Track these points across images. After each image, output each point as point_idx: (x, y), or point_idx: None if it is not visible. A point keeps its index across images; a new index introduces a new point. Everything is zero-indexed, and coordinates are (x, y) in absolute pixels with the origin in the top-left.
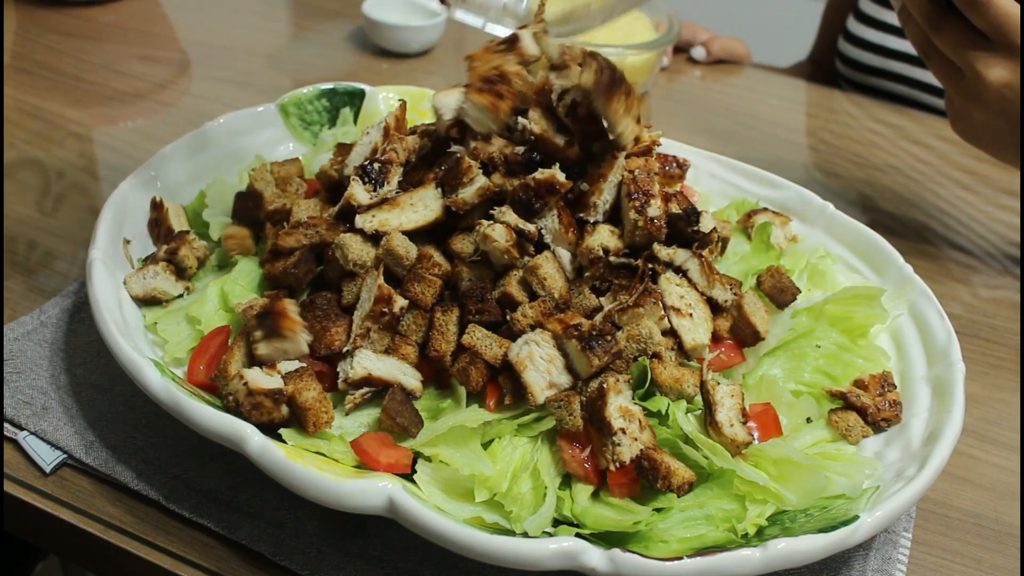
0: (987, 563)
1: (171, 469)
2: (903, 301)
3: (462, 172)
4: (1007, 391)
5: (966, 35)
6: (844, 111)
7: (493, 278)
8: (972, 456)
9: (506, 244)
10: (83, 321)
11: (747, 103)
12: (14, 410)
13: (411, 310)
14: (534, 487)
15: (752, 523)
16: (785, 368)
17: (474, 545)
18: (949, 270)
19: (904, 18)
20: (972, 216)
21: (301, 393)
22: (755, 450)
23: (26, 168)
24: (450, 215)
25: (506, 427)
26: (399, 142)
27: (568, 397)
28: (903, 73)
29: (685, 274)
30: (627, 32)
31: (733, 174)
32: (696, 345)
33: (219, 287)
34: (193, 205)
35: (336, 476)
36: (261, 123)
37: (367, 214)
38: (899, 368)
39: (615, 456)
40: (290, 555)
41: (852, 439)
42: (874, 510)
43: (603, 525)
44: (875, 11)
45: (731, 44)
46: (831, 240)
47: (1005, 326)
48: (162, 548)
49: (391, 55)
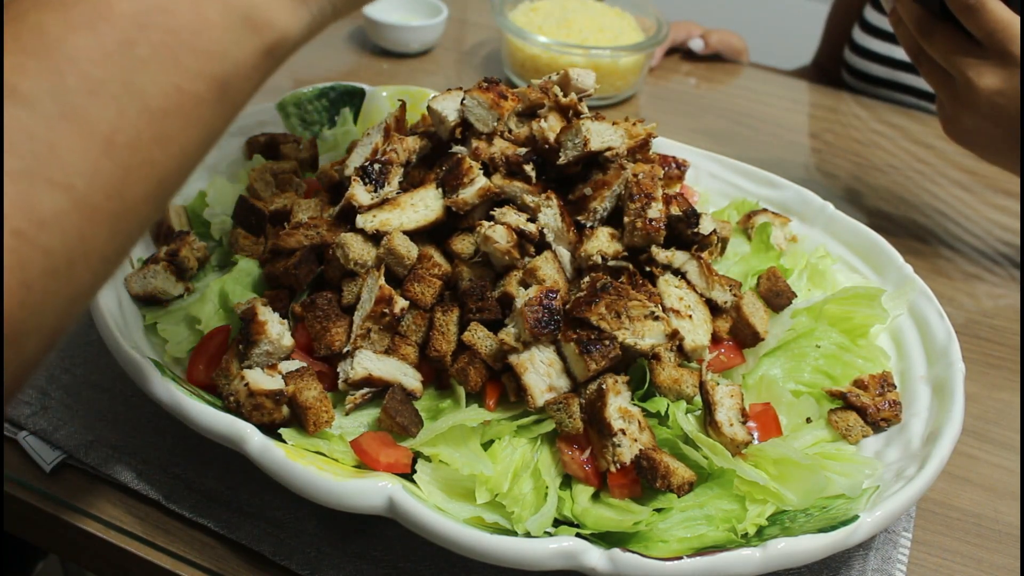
0: (987, 563)
1: (171, 469)
2: (903, 301)
3: (463, 173)
4: (1007, 391)
5: (957, 41)
6: (844, 111)
7: (493, 278)
8: (972, 456)
9: (507, 245)
10: (83, 321)
11: (747, 103)
12: (14, 410)
13: (411, 310)
14: (535, 487)
15: (752, 523)
16: (785, 368)
17: (474, 545)
18: (949, 270)
19: (895, 23)
20: (972, 216)
21: (302, 392)
22: (755, 450)
23: None
24: (451, 215)
25: (505, 428)
26: (399, 143)
27: (567, 400)
28: (911, 84)
29: (684, 276)
30: (615, 34)
31: (733, 174)
32: (696, 346)
33: (219, 287)
34: (193, 205)
35: (336, 476)
36: (261, 123)
37: (368, 214)
38: (899, 368)
39: (615, 457)
40: (290, 555)
41: (852, 439)
42: (874, 510)
43: (603, 525)
44: (880, 21)
45: (729, 38)
46: (831, 240)
47: (1005, 326)
48: (162, 548)
49: (391, 55)
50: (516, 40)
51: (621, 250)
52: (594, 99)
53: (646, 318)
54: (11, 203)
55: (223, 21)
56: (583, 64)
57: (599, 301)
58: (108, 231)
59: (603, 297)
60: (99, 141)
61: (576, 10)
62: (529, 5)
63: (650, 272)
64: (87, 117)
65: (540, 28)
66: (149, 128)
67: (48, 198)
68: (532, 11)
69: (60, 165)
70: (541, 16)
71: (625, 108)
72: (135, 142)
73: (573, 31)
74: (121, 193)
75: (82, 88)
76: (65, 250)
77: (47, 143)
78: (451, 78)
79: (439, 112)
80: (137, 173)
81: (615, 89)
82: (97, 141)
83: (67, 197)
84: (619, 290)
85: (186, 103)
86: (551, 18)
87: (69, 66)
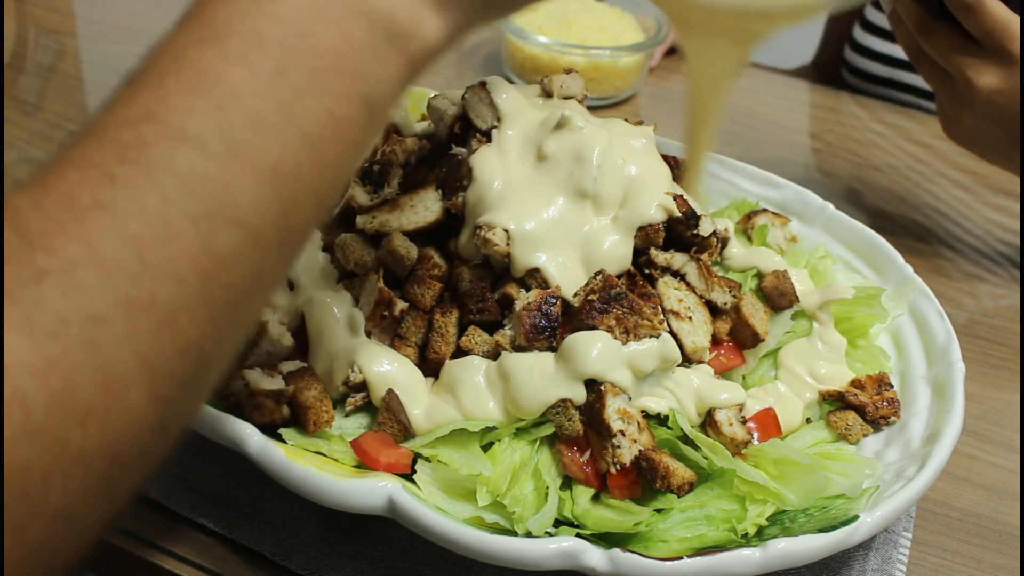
0: (987, 563)
1: (171, 469)
2: (903, 301)
3: (462, 174)
4: (1007, 391)
5: (956, 41)
6: (844, 111)
7: (493, 279)
8: (972, 456)
9: (506, 247)
10: None
11: (747, 103)
12: None
13: (410, 312)
14: (536, 488)
15: (752, 523)
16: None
17: (474, 545)
18: (949, 270)
19: (894, 23)
20: (972, 216)
21: (302, 392)
22: (755, 450)
23: (26, 168)
24: (450, 217)
25: (505, 430)
26: (399, 144)
27: (565, 403)
28: (912, 83)
29: (683, 277)
30: (615, 34)
31: (733, 174)
32: (696, 348)
33: None
34: None
35: (336, 476)
36: None
37: (368, 215)
38: (899, 368)
39: (615, 458)
40: (290, 555)
41: (852, 438)
42: (874, 510)
43: (604, 526)
44: (881, 20)
45: None
46: (831, 240)
47: (1005, 326)
48: (162, 548)
49: None
50: (516, 40)
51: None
52: (594, 99)
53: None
54: (196, 246)
55: (368, 39)
56: (583, 64)
57: (611, 311)
58: (275, 258)
59: (615, 307)
60: (266, 174)
61: (576, 10)
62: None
63: (649, 274)
64: (253, 151)
65: (540, 28)
66: (308, 156)
67: (226, 236)
68: (532, 11)
69: (234, 203)
70: (541, 16)
71: (625, 108)
72: (297, 171)
73: (573, 31)
74: (287, 221)
75: (245, 123)
76: (243, 283)
77: (221, 183)
78: (451, 78)
79: (438, 108)
80: (300, 201)
81: (615, 89)
82: (265, 175)
83: (242, 233)
84: (632, 305)
85: (339, 127)
86: (551, 18)
87: (231, 102)
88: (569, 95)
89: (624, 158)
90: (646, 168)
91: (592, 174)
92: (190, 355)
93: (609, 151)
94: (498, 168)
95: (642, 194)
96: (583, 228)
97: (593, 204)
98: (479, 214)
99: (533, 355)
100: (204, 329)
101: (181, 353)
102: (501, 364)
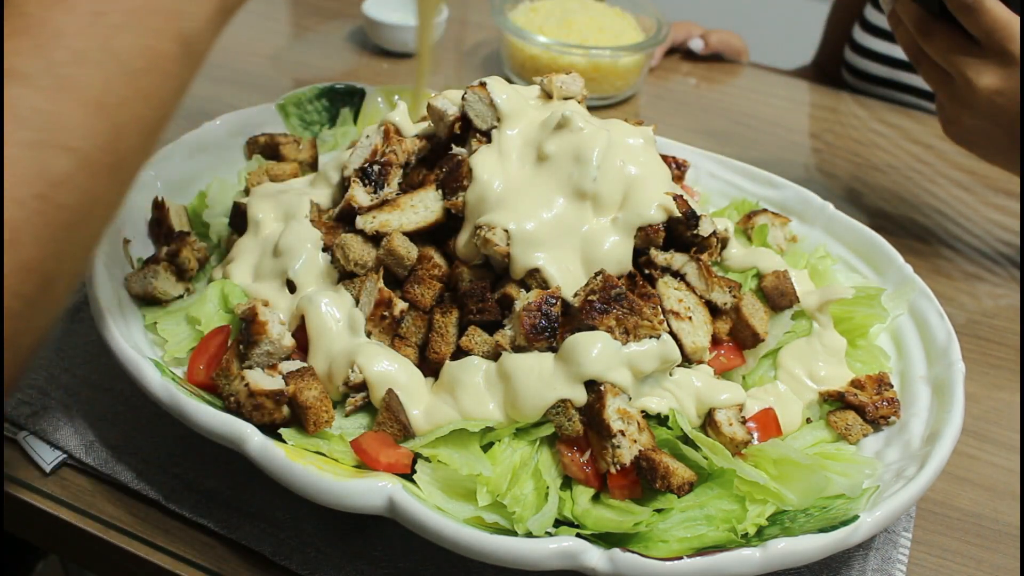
0: (987, 563)
1: (171, 469)
2: (903, 301)
3: (462, 175)
4: (1007, 391)
5: (956, 41)
6: (844, 111)
7: (493, 280)
8: (972, 456)
9: (506, 248)
10: (83, 321)
11: (747, 103)
12: (14, 410)
13: (410, 312)
14: (536, 488)
15: (752, 523)
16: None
17: (474, 545)
18: (949, 270)
19: (894, 23)
20: (972, 216)
21: (302, 392)
22: (755, 450)
23: None
24: (450, 217)
25: (505, 430)
26: (399, 144)
27: (565, 403)
28: (912, 83)
29: (683, 278)
30: (615, 34)
31: (733, 174)
32: (696, 348)
33: (219, 288)
34: (193, 205)
35: (336, 476)
36: (261, 123)
37: (368, 215)
38: (899, 368)
39: (615, 458)
40: (290, 555)
41: (852, 438)
42: (874, 510)
43: (604, 526)
44: (880, 20)
45: (729, 37)
46: (831, 240)
47: (1005, 326)
48: (162, 548)
49: (391, 55)
50: (516, 40)
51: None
52: (594, 99)
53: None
54: (29, 170)
55: None
56: (583, 64)
57: (611, 312)
58: (107, 182)
59: (616, 308)
60: (92, 105)
61: (576, 10)
62: (529, 5)
63: (649, 274)
64: (79, 85)
65: (540, 28)
66: (131, 87)
67: (58, 162)
68: (532, 11)
69: (64, 131)
70: (541, 16)
71: (625, 108)
72: (122, 101)
73: (573, 31)
74: (116, 148)
75: (69, 60)
76: (78, 204)
77: (50, 113)
78: (451, 78)
79: (439, 108)
80: (127, 128)
81: (615, 89)
82: (91, 105)
83: (73, 158)
84: (632, 305)
85: (159, 60)
86: (551, 18)
87: (54, 42)
88: (569, 95)
89: (624, 158)
90: (646, 168)
91: (592, 174)
92: (33, 273)
93: (609, 151)
94: (498, 168)
95: (642, 194)
96: (583, 228)
97: (593, 204)
98: (479, 214)
99: (533, 355)
100: (45, 248)
101: (24, 271)
102: (501, 364)
